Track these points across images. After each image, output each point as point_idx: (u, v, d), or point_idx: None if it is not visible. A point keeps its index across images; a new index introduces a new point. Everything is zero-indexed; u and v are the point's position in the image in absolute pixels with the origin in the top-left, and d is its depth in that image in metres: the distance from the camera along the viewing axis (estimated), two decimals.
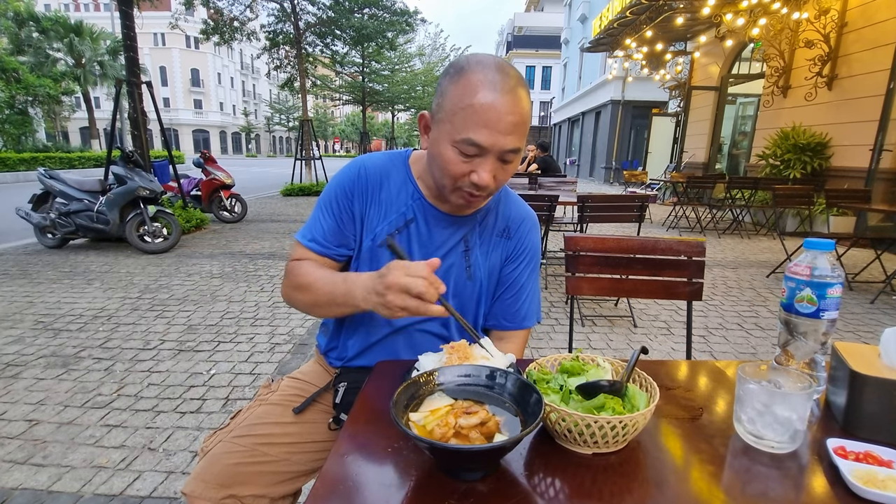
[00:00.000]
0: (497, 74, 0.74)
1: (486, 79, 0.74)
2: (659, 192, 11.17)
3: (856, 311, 3.48)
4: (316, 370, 1.03)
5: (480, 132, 0.74)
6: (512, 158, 0.79)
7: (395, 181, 0.93)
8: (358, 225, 0.93)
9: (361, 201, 0.92)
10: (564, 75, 27.31)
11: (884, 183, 5.80)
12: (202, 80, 48.53)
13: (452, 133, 0.76)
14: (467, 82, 0.75)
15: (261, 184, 14.79)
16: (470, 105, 0.74)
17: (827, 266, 0.70)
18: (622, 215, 3.54)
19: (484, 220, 0.96)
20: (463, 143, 0.75)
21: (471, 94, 0.74)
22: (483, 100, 0.73)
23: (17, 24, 20.31)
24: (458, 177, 0.79)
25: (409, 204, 0.92)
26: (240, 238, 5.87)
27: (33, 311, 3.15)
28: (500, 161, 0.78)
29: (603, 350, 2.75)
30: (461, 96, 0.75)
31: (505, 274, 0.98)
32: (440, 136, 0.79)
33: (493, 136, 0.74)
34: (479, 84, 0.74)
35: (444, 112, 0.78)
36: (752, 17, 6.93)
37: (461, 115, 0.75)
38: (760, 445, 0.61)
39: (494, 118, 0.73)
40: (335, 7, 11.24)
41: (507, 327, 1.00)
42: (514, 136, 0.76)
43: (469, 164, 0.78)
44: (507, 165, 0.80)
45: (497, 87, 0.73)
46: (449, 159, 0.78)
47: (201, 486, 0.78)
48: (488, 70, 0.75)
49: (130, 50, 5.87)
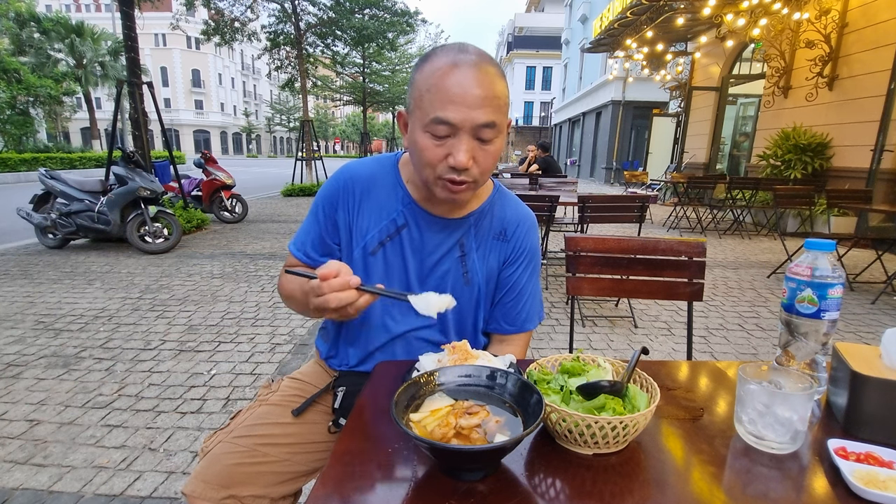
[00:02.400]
0: (459, 53, 0.75)
1: (448, 59, 0.74)
2: (659, 192, 11.16)
3: (857, 312, 3.48)
4: (316, 371, 1.03)
5: (447, 108, 0.73)
6: (489, 136, 0.76)
7: (384, 186, 0.92)
8: (344, 234, 0.92)
9: (347, 210, 0.91)
10: (565, 76, 27.32)
11: (885, 183, 5.79)
12: (203, 81, 48.58)
13: (423, 117, 0.75)
14: (431, 65, 0.75)
15: (261, 184, 14.81)
16: (434, 85, 0.74)
17: (828, 266, 0.70)
18: (623, 216, 3.54)
19: (479, 223, 0.93)
20: (433, 124, 0.74)
21: (435, 75, 0.74)
22: (447, 77, 0.73)
23: (19, 25, 20.35)
24: (436, 162, 0.77)
25: (400, 209, 0.91)
26: (240, 238, 5.87)
27: (34, 312, 3.15)
28: (476, 140, 0.76)
29: (604, 350, 2.74)
30: (426, 79, 0.75)
31: (504, 277, 0.96)
32: (413, 125, 0.79)
33: (460, 110, 0.73)
34: (443, 64, 0.74)
35: (414, 100, 0.77)
36: (752, 18, 6.93)
37: (427, 97, 0.74)
38: (761, 446, 0.60)
39: (460, 93, 0.72)
40: (336, 8, 11.25)
41: (507, 331, 0.98)
42: (485, 109, 0.74)
43: (444, 147, 0.76)
44: (487, 145, 0.77)
45: (460, 63, 0.74)
46: (424, 145, 0.77)
47: (202, 487, 0.78)
48: (450, 51, 0.76)
49: (131, 50, 5.88)
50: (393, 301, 0.90)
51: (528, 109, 39.58)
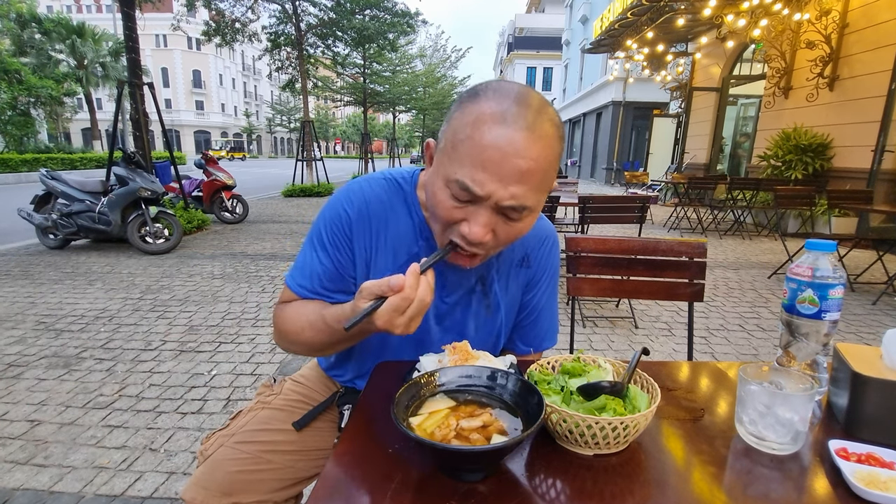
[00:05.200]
0: (514, 104, 0.60)
1: (498, 106, 0.60)
2: (660, 193, 11.16)
3: (858, 313, 3.47)
4: (318, 375, 1.01)
5: (476, 174, 0.60)
6: (517, 217, 0.64)
7: (401, 216, 0.80)
8: (361, 269, 0.81)
9: (364, 243, 0.80)
10: (565, 76, 27.32)
11: (885, 184, 5.79)
12: (204, 82, 48.64)
13: (447, 170, 0.63)
14: (475, 110, 0.61)
15: (262, 184, 14.82)
16: (469, 137, 0.60)
17: (829, 267, 0.70)
18: (623, 216, 3.54)
19: (501, 253, 0.83)
20: (454, 185, 0.62)
21: (474, 124, 0.60)
22: (489, 131, 0.59)
23: (20, 26, 20.40)
24: (448, 223, 0.66)
25: (420, 243, 0.80)
26: (241, 239, 5.88)
27: (35, 312, 3.16)
28: (501, 216, 0.64)
29: (604, 351, 2.74)
30: (464, 126, 0.61)
31: (525, 300, 0.90)
32: (437, 169, 0.67)
33: (490, 182, 0.60)
34: (489, 112, 0.60)
35: (446, 142, 0.65)
36: (753, 18, 6.93)
37: (459, 148, 0.61)
38: (762, 447, 0.60)
39: (496, 158, 0.59)
40: (336, 8, 11.25)
41: (523, 351, 0.92)
42: (522, 187, 0.60)
43: (462, 211, 0.64)
44: (513, 223, 0.65)
45: (509, 118, 0.59)
46: (440, 200, 0.65)
47: (203, 494, 0.77)
48: (503, 98, 0.61)
49: (132, 51, 5.89)
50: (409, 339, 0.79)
51: None
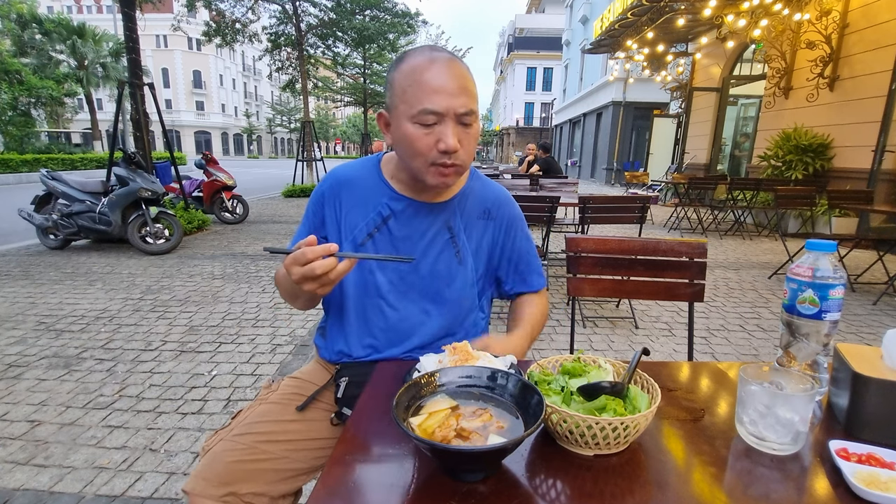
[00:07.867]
0: (432, 52, 0.85)
1: (424, 57, 0.84)
2: (660, 193, 11.16)
3: (858, 313, 3.47)
4: (316, 369, 1.04)
5: (433, 99, 0.81)
6: (470, 121, 0.85)
7: (368, 183, 0.98)
8: (332, 230, 0.97)
9: (333, 208, 0.97)
10: (566, 77, 27.32)
11: (886, 184, 5.78)
12: (204, 82, 48.63)
13: (408, 110, 0.83)
14: (409, 64, 0.84)
15: (262, 185, 14.82)
16: (416, 80, 0.82)
17: (829, 267, 0.70)
18: (623, 216, 3.53)
19: (463, 204, 1.00)
20: (420, 115, 0.82)
21: (415, 71, 0.83)
22: (427, 72, 0.82)
23: (20, 26, 20.41)
24: (427, 150, 0.84)
25: (384, 203, 0.96)
26: (241, 239, 5.88)
27: (35, 312, 3.16)
28: (460, 125, 0.84)
29: (604, 351, 2.74)
30: (407, 76, 0.83)
31: (507, 247, 1.05)
32: (399, 119, 0.85)
33: (444, 99, 0.81)
34: (421, 61, 0.83)
35: (396, 97, 0.85)
36: (753, 19, 6.93)
37: (411, 91, 0.82)
38: (762, 447, 0.60)
39: (441, 84, 0.81)
40: (337, 9, 11.26)
41: (521, 291, 1.09)
42: (464, 97, 0.83)
43: (432, 135, 0.83)
44: (469, 129, 0.86)
45: (436, 59, 0.83)
46: (413, 135, 0.83)
47: (202, 484, 0.78)
48: (424, 51, 0.85)
49: (133, 52, 5.89)
50: (389, 288, 0.95)
51: (529, 110, 39.60)
